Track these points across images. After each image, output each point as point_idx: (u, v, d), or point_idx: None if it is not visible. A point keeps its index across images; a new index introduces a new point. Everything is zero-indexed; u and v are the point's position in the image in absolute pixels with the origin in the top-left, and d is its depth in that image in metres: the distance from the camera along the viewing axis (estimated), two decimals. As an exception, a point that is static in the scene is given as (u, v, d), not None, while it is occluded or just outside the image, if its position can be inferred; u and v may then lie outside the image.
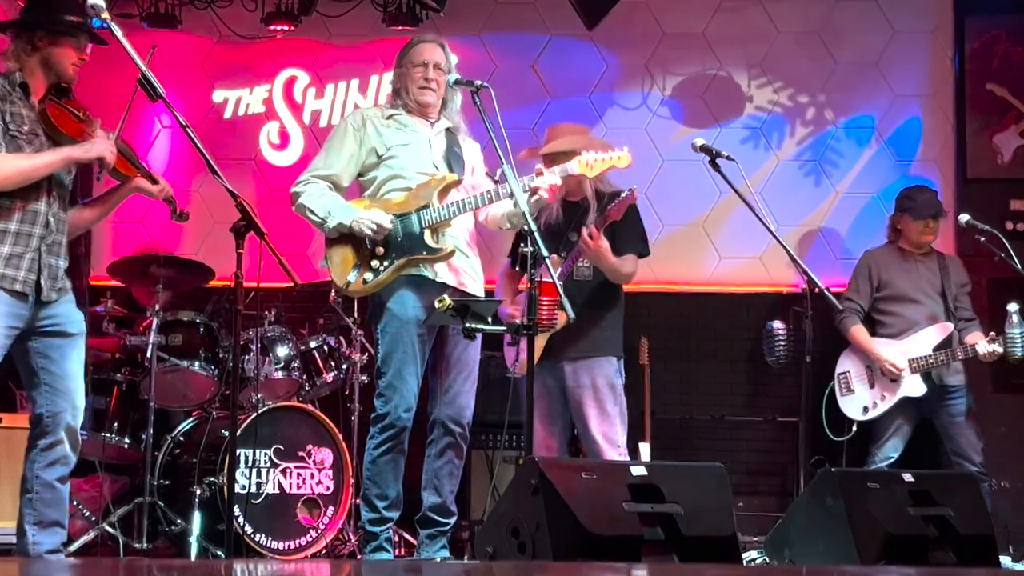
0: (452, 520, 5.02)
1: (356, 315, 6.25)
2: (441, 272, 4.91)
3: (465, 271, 5.01)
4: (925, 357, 6.22)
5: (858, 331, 6.40)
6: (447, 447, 4.95)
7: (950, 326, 6.30)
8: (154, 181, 4.62)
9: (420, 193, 4.93)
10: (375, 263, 4.88)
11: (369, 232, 4.83)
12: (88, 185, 5.53)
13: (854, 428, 6.41)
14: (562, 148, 5.37)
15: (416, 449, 5.15)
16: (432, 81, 5.02)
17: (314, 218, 4.93)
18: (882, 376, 6.32)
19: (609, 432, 5.36)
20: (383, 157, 4.97)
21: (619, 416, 5.42)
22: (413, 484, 5.12)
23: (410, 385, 4.84)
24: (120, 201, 4.69)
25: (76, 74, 4.52)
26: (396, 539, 6.13)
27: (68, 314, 4.52)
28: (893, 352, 6.29)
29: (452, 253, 4.89)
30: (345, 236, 4.91)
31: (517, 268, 5.52)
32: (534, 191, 4.82)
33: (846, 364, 6.48)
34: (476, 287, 5.03)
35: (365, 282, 4.89)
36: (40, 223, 4.41)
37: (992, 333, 6.13)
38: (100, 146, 4.42)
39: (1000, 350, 6.10)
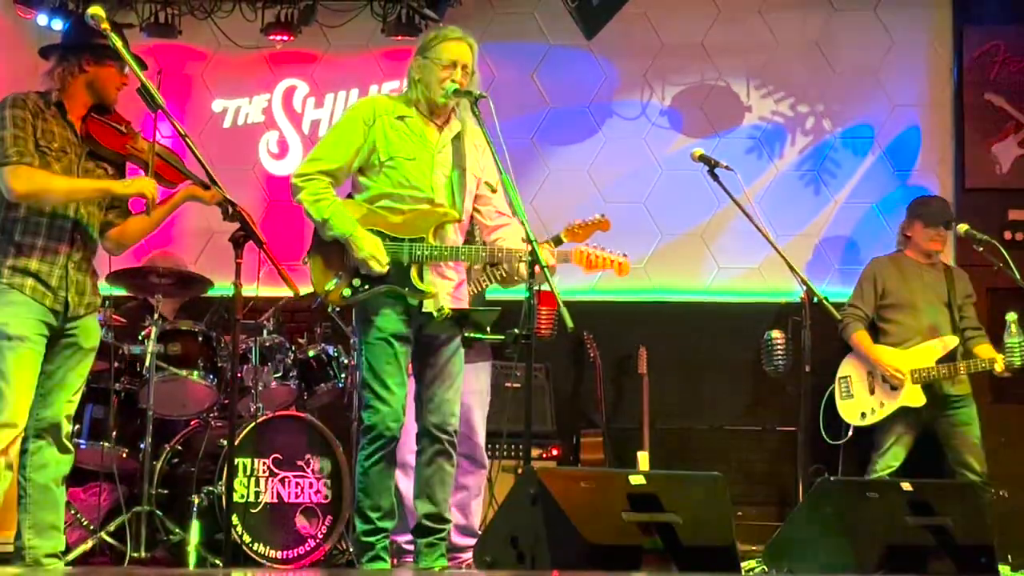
0: (448, 527, 5.00)
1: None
2: (426, 301, 4.86)
3: (447, 292, 4.96)
4: (927, 369, 6.23)
5: (861, 337, 6.41)
6: (436, 455, 4.92)
7: (955, 339, 6.31)
8: (206, 187, 4.64)
9: (417, 223, 4.83)
10: (356, 281, 4.82)
11: (366, 264, 4.76)
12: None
13: (850, 432, 6.43)
14: None
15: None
16: (456, 84, 4.85)
17: (312, 218, 4.86)
18: (883, 383, 6.33)
19: None
20: (384, 163, 4.86)
21: None
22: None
23: (397, 396, 4.81)
24: (174, 209, 4.72)
25: (117, 96, 4.66)
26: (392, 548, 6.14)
27: (89, 327, 4.65)
28: (896, 359, 6.29)
29: (433, 296, 4.83)
30: (334, 242, 4.86)
31: None
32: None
33: (848, 369, 6.49)
34: (459, 305, 4.98)
35: (344, 296, 4.84)
36: (67, 240, 4.53)
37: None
38: (141, 182, 4.52)
39: (1017, 362, 6.12)
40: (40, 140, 4.45)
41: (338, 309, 6.15)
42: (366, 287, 4.82)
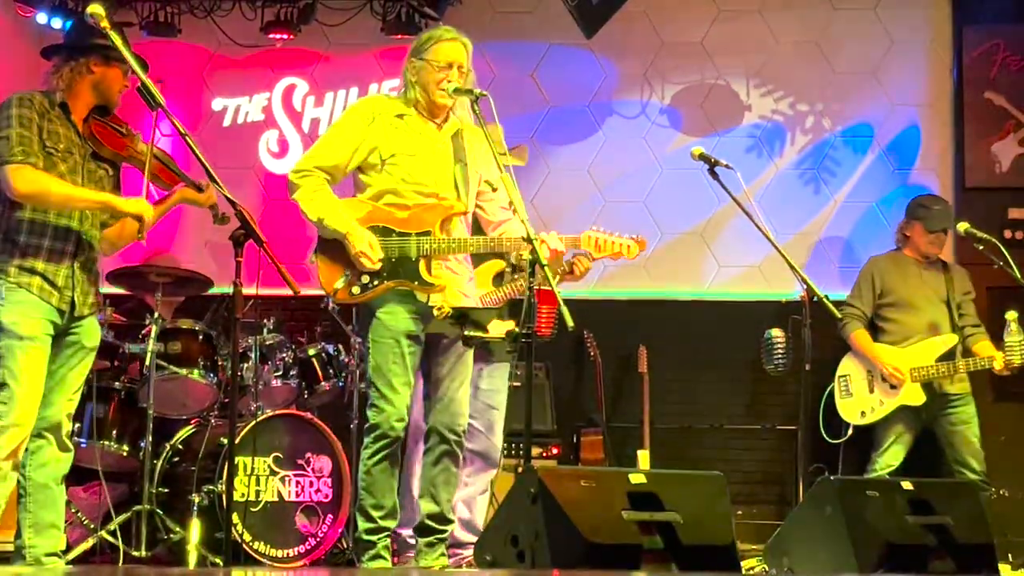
0: (450, 527, 5.01)
1: (355, 323, 6.25)
2: (433, 298, 4.86)
3: (456, 290, 4.95)
4: (927, 367, 6.23)
5: (860, 335, 6.41)
6: (443, 455, 4.93)
7: (955, 337, 6.31)
8: (199, 189, 4.68)
9: (424, 216, 4.84)
10: (365, 278, 4.82)
11: (358, 261, 4.77)
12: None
13: (850, 431, 6.43)
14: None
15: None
16: (456, 83, 4.85)
17: (308, 218, 4.86)
18: (882, 382, 6.33)
19: None
20: (384, 161, 4.86)
21: None
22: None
23: (402, 395, 4.81)
24: (167, 210, 4.74)
25: (120, 99, 4.67)
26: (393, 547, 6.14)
27: (91, 327, 4.66)
28: (895, 358, 6.29)
29: (442, 289, 4.85)
30: (339, 241, 4.85)
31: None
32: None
33: (848, 368, 6.49)
34: (468, 303, 5.00)
35: (352, 294, 4.84)
36: (72, 240, 4.54)
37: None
38: (141, 204, 4.51)
39: (1017, 361, 6.11)
40: (46, 141, 4.46)
41: (338, 308, 6.16)
42: (375, 283, 4.81)
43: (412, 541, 5.28)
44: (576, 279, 5.28)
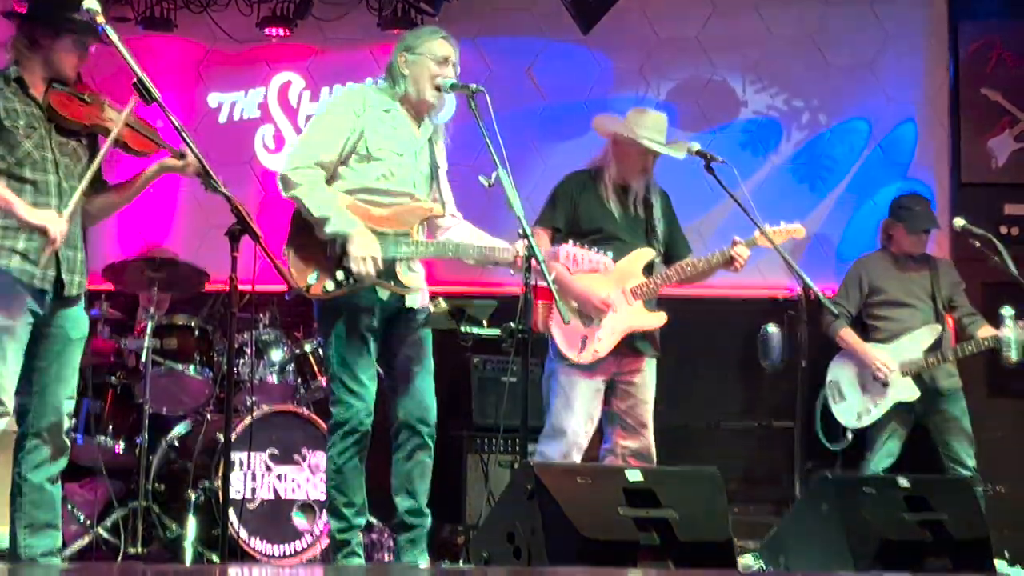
0: (428, 521, 4.90)
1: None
2: (407, 297, 4.83)
3: (422, 288, 4.93)
4: (915, 360, 6.23)
5: (847, 332, 6.38)
6: (416, 449, 4.84)
7: (939, 328, 6.30)
8: (180, 156, 4.51)
9: (403, 217, 4.79)
10: (339, 275, 4.72)
11: (362, 264, 4.65)
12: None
13: (849, 436, 6.38)
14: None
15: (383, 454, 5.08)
16: (453, 80, 4.83)
17: (310, 215, 4.74)
18: (873, 381, 6.31)
19: None
20: (371, 155, 4.79)
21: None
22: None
23: (369, 389, 4.77)
24: (147, 183, 4.58)
25: (76, 75, 4.50)
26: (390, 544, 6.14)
27: (76, 317, 4.51)
28: (883, 354, 6.28)
29: (417, 292, 4.83)
30: (313, 234, 4.76)
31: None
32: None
33: (836, 372, 6.45)
34: (421, 299, 4.93)
35: (326, 290, 4.73)
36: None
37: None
38: (48, 219, 4.27)
39: (1013, 357, 6.09)
40: (5, 120, 4.32)
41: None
42: (350, 281, 4.71)
43: None
44: (736, 270, 5.50)
